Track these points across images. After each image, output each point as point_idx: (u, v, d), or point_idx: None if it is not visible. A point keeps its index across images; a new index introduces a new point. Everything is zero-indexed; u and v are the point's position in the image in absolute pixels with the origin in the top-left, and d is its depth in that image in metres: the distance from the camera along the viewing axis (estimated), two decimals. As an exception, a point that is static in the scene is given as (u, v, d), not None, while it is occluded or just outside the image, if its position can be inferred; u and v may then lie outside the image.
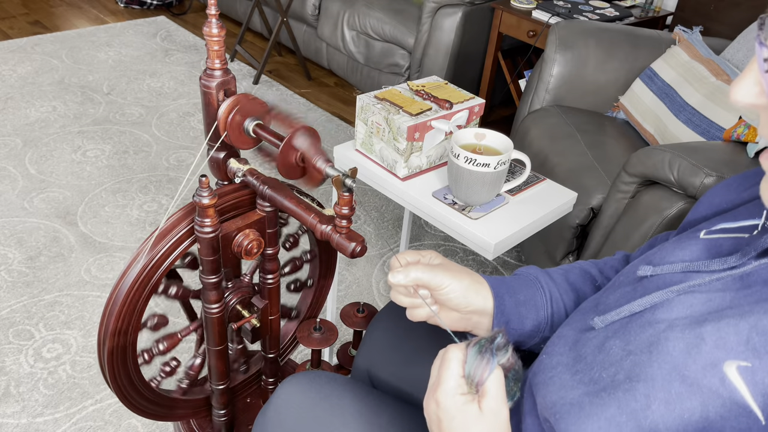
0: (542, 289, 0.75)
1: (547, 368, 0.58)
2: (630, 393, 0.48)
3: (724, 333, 0.46)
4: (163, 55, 3.24)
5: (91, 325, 1.67)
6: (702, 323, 0.48)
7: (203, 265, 0.88)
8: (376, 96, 1.24)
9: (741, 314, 0.46)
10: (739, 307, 0.48)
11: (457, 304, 0.71)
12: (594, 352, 0.55)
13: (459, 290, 0.70)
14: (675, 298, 0.52)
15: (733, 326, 0.46)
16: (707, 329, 0.47)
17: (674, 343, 0.48)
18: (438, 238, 2.14)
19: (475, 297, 0.71)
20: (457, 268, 0.73)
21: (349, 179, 0.77)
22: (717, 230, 0.59)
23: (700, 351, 0.46)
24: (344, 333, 1.71)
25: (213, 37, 0.83)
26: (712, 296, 0.51)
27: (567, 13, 2.32)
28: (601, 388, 0.51)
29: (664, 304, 0.53)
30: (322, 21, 3.04)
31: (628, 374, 0.49)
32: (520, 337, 0.74)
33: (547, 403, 0.56)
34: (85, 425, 1.42)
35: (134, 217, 2.09)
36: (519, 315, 0.73)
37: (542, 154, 1.78)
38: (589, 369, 0.54)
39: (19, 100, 2.71)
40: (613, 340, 0.54)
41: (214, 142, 0.89)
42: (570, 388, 0.54)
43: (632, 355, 0.50)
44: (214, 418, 1.10)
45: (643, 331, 0.52)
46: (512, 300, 0.73)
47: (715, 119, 1.61)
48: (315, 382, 0.79)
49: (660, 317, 0.52)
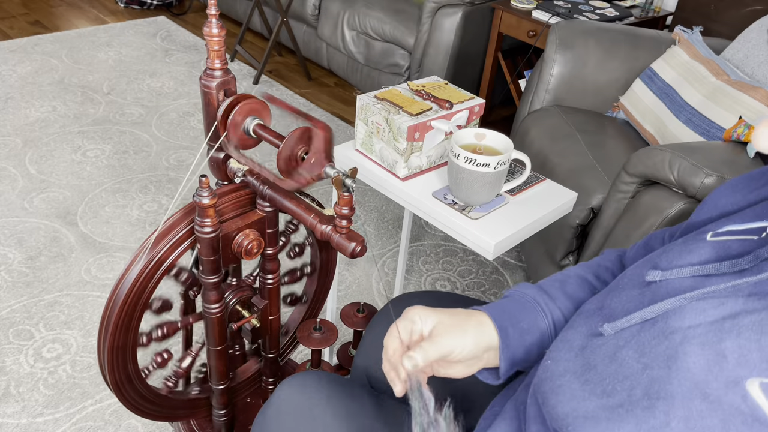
0: (543, 312, 0.73)
1: (555, 376, 0.57)
2: (649, 411, 0.47)
3: (746, 350, 0.45)
4: (163, 55, 3.24)
5: (91, 325, 1.67)
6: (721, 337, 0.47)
7: (203, 265, 0.88)
8: (376, 96, 1.24)
9: (762, 328, 0.45)
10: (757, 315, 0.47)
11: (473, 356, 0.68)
12: (605, 361, 0.54)
13: (470, 345, 0.67)
14: (687, 305, 0.51)
15: (755, 342, 0.45)
16: (728, 345, 0.46)
17: (694, 359, 0.47)
18: (438, 238, 2.14)
19: (482, 338, 0.68)
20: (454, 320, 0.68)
21: (349, 179, 0.77)
22: (724, 232, 0.58)
23: (722, 369, 0.45)
24: (344, 333, 1.71)
25: (213, 37, 0.83)
26: (724, 300, 0.50)
27: (567, 13, 2.32)
28: (618, 404, 0.50)
29: (677, 312, 0.52)
30: (322, 21, 3.04)
31: (646, 390, 0.48)
32: (525, 363, 0.71)
33: (558, 413, 0.54)
34: (85, 425, 1.42)
35: (134, 217, 2.09)
36: (524, 345, 0.70)
37: (542, 154, 1.78)
38: (601, 380, 0.53)
39: (19, 100, 2.71)
40: (625, 350, 0.53)
41: (214, 142, 0.89)
42: (581, 399, 0.53)
43: (649, 369, 0.49)
44: (214, 418, 1.10)
45: (659, 342, 0.51)
46: (516, 331, 0.70)
47: (715, 119, 1.61)
48: (314, 383, 0.79)
49: (674, 325, 0.51)
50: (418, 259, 2.03)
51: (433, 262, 2.03)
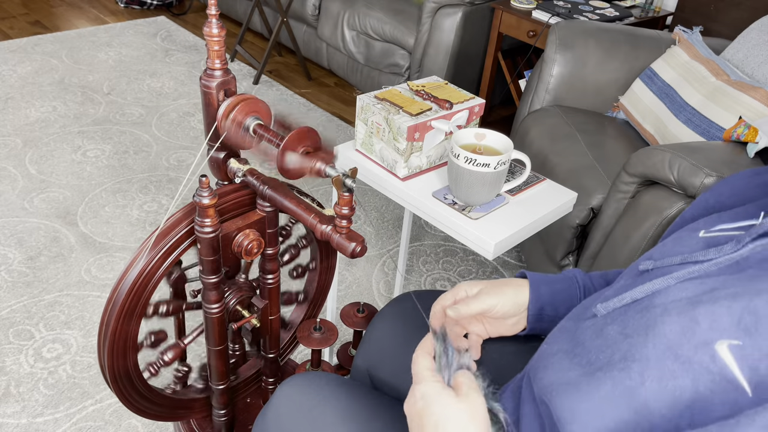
0: (577, 282, 0.81)
1: (547, 355, 0.61)
2: (625, 372, 0.50)
3: (718, 315, 0.47)
4: (163, 55, 3.24)
5: (91, 325, 1.67)
6: (696, 305, 0.49)
7: (203, 265, 0.88)
8: (376, 96, 1.24)
9: (734, 296, 0.48)
10: (733, 288, 0.49)
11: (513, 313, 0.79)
12: (592, 337, 0.57)
13: (508, 303, 0.78)
14: (674, 285, 0.54)
15: (727, 308, 0.47)
16: (701, 311, 0.48)
17: (670, 327, 0.49)
18: (438, 238, 2.14)
19: (519, 298, 0.79)
20: (498, 285, 0.79)
21: (349, 179, 0.77)
22: (716, 230, 0.60)
23: (695, 333, 0.47)
24: (344, 333, 1.71)
25: (213, 37, 0.83)
26: (707, 280, 0.53)
27: (567, 13, 2.32)
28: (597, 369, 0.53)
29: (663, 291, 0.55)
30: (322, 21, 3.04)
31: (624, 355, 0.51)
32: (553, 321, 0.77)
33: (544, 384, 0.58)
34: (85, 425, 1.42)
35: (134, 217, 2.09)
36: (553, 302, 0.78)
37: (542, 154, 1.78)
38: (587, 353, 0.56)
39: (19, 100, 2.71)
40: (611, 326, 0.56)
41: (214, 142, 0.89)
42: (567, 370, 0.56)
43: (629, 338, 0.52)
44: (214, 418, 1.10)
45: (642, 316, 0.54)
46: (548, 289, 0.79)
47: (715, 119, 1.61)
48: (315, 383, 0.79)
49: (657, 302, 0.54)
50: (418, 259, 2.03)
51: (433, 262, 2.03)
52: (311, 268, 1.18)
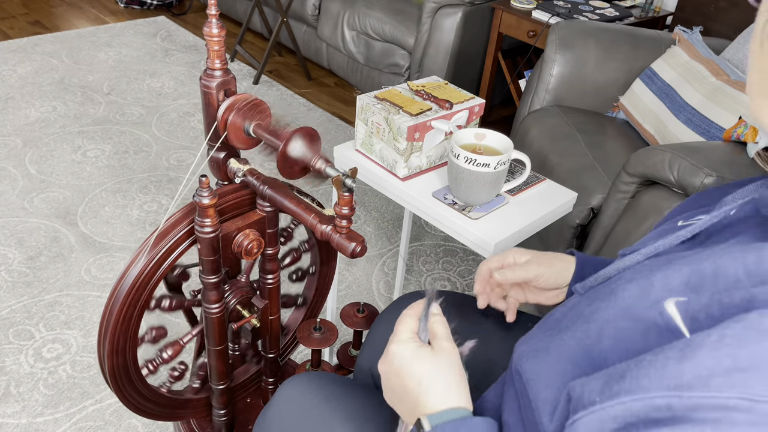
0: None
1: (529, 337, 0.64)
2: (585, 332, 0.54)
3: (670, 279, 0.51)
4: (163, 55, 3.24)
5: (91, 325, 1.67)
6: (654, 271, 0.54)
7: (203, 265, 0.88)
8: (376, 96, 1.24)
9: (687, 261, 0.52)
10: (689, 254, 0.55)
11: (555, 286, 0.84)
12: (565, 311, 0.61)
13: (552, 277, 0.83)
14: (643, 261, 0.60)
15: (678, 271, 0.51)
16: (657, 276, 0.53)
17: (629, 292, 0.54)
18: (438, 238, 2.14)
19: (564, 274, 0.84)
20: (548, 257, 0.85)
21: (349, 179, 0.77)
22: (693, 220, 0.64)
23: (649, 294, 0.52)
24: (344, 333, 1.71)
25: (213, 37, 0.83)
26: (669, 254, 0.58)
27: (567, 13, 2.32)
28: (561, 331, 0.57)
29: (632, 267, 0.60)
30: (322, 21, 3.04)
31: (586, 319, 0.56)
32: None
33: (517, 355, 0.61)
34: (85, 425, 1.42)
35: (134, 217, 2.09)
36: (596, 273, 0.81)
37: (542, 154, 1.78)
38: (557, 324, 0.60)
39: (19, 100, 2.71)
40: (583, 300, 0.60)
41: (214, 142, 0.89)
42: (539, 341, 0.60)
43: (593, 304, 0.57)
44: (214, 418, 1.10)
45: (607, 287, 0.59)
46: (592, 271, 0.81)
47: (715, 119, 1.61)
48: (315, 383, 0.79)
49: (625, 275, 0.59)
50: (418, 259, 2.03)
51: (433, 262, 2.03)
52: (311, 272, 1.18)
